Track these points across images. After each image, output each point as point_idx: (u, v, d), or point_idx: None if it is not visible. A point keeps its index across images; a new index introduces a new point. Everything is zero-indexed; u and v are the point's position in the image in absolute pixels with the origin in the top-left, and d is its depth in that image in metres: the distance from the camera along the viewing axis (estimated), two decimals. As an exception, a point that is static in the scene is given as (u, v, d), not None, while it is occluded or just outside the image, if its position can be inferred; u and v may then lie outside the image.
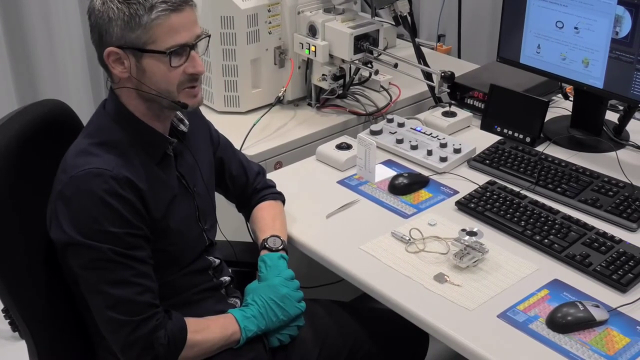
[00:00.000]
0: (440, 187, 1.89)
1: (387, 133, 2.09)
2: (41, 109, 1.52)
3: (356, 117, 2.34)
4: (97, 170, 1.35)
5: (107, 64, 1.40)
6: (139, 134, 1.44)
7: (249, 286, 1.58)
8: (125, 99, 1.44)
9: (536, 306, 1.48)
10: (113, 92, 1.46)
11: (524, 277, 1.56)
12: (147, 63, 1.38)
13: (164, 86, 1.41)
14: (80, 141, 1.43)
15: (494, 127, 2.14)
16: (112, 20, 1.35)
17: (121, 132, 1.43)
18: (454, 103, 2.28)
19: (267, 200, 1.73)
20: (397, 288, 1.53)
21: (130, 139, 1.43)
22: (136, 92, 1.42)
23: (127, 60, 1.38)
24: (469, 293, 1.51)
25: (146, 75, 1.39)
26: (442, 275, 1.55)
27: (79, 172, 1.35)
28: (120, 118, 1.44)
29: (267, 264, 1.58)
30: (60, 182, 1.37)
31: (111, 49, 1.37)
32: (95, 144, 1.40)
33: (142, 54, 1.37)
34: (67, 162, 1.40)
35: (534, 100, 2.09)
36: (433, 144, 2.01)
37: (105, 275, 1.35)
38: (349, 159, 1.96)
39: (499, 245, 1.65)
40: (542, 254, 1.63)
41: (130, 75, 1.39)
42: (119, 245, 1.35)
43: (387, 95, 2.43)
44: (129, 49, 1.37)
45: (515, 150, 1.99)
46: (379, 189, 1.88)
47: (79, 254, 1.36)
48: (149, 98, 1.42)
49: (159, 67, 1.39)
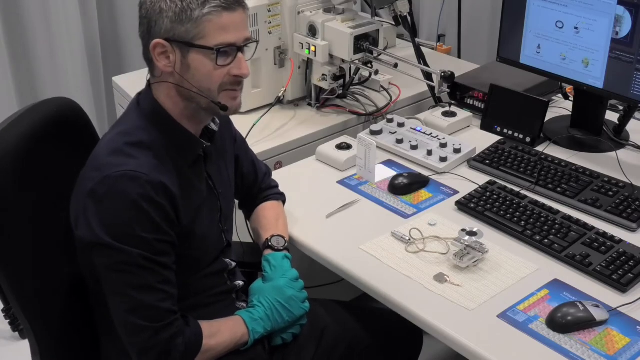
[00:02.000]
0: (440, 187, 1.89)
1: (387, 133, 2.09)
2: (51, 107, 1.51)
3: (356, 117, 2.34)
4: (133, 174, 1.33)
5: (153, 57, 1.38)
6: (174, 135, 1.42)
7: (253, 286, 1.58)
8: (163, 97, 1.42)
9: (536, 306, 1.48)
10: (150, 89, 1.44)
11: (524, 277, 1.56)
12: (193, 58, 1.36)
13: (206, 84, 1.39)
14: (115, 138, 1.40)
15: (494, 127, 2.14)
16: (163, 11, 1.34)
17: (156, 133, 1.40)
18: (453, 103, 2.28)
19: (270, 200, 1.73)
20: (397, 288, 1.53)
21: (165, 141, 1.41)
22: (176, 88, 1.40)
23: (173, 55, 1.36)
24: (469, 293, 1.51)
25: (190, 72, 1.37)
26: (442, 275, 1.56)
27: (113, 173, 1.33)
28: (156, 118, 1.42)
29: (271, 264, 1.58)
30: (92, 180, 1.34)
31: (158, 41, 1.36)
32: (130, 143, 1.37)
33: (189, 48, 1.35)
34: (100, 160, 1.37)
35: (534, 100, 2.09)
36: (433, 144, 2.01)
37: (130, 279, 1.34)
38: (349, 159, 1.96)
39: (499, 245, 1.65)
40: (542, 254, 1.63)
41: (173, 70, 1.38)
42: (147, 250, 1.33)
43: (387, 95, 2.43)
44: (176, 43, 1.35)
45: (515, 150, 1.99)
46: (379, 189, 1.88)
47: (106, 255, 1.34)
48: (189, 96, 1.40)
49: (205, 64, 1.37)
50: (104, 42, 3.11)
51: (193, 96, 1.40)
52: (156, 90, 1.42)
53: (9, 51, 2.86)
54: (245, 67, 1.41)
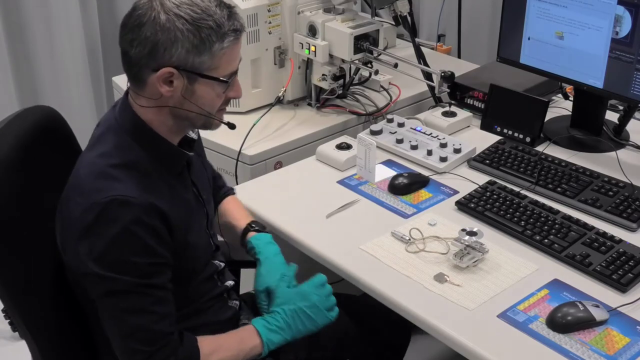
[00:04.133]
0: (440, 187, 1.89)
1: (387, 133, 2.09)
2: (35, 116, 1.47)
3: (356, 117, 2.34)
4: (123, 198, 1.28)
5: (154, 81, 1.32)
6: (159, 150, 1.39)
7: (270, 285, 1.52)
8: (151, 114, 1.36)
9: (536, 306, 1.47)
10: (128, 105, 1.38)
11: (523, 277, 1.55)
12: (199, 87, 1.34)
13: (207, 108, 1.37)
14: (96, 161, 1.34)
15: (494, 127, 2.14)
16: (178, 41, 1.29)
17: (140, 150, 1.36)
18: (453, 103, 2.28)
19: (230, 195, 1.74)
20: (397, 288, 1.53)
21: (150, 157, 1.37)
22: (170, 109, 1.36)
23: (178, 81, 1.32)
24: (469, 293, 1.51)
25: (194, 97, 1.35)
26: (442, 275, 1.55)
27: (101, 199, 1.28)
28: (139, 135, 1.37)
29: (260, 244, 1.58)
30: (78, 206, 1.30)
31: (169, 70, 1.31)
32: (114, 165, 1.32)
33: (198, 78, 1.33)
34: (84, 185, 1.31)
35: (534, 100, 2.09)
36: (433, 144, 2.01)
37: (123, 304, 1.32)
38: (349, 159, 1.96)
39: (499, 245, 1.65)
40: (542, 254, 1.63)
41: (172, 95, 1.34)
42: (140, 275, 1.31)
43: (387, 95, 2.43)
44: (185, 71, 1.32)
45: (515, 150, 1.99)
46: (379, 189, 1.88)
47: (98, 283, 1.31)
48: (184, 116, 1.37)
49: (209, 92, 1.35)
50: (105, 42, 3.11)
51: (190, 117, 1.37)
52: (142, 108, 1.37)
53: (10, 51, 2.86)
54: (240, 89, 1.42)
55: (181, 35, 1.29)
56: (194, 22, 1.30)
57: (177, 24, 1.29)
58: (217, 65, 1.33)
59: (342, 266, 1.61)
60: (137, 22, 1.31)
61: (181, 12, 1.30)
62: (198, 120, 1.39)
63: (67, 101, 3.01)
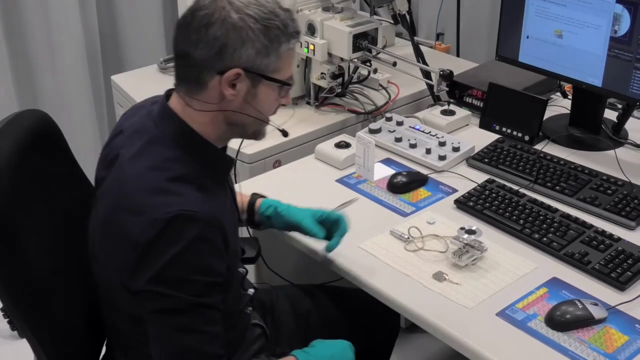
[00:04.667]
0: (439, 185, 1.89)
1: (386, 131, 2.09)
2: (28, 120, 1.43)
3: (355, 115, 2.34)
4: (187, 213, 1.22)
5: (218, 83, 1.28)
6: (208, 159, 1.34)
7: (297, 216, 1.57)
8: (202, 119, 1.31)
9: (535, 304, 1.47)
10: (171, 111, 1.32)
11: (522, 276, 1.55)
12: (262, 89, 1.31)
13: (265, 113, 1.34)
14: (148, 175, 1.27)
15: (493, 126, 2.14)
16: (248, 40, 1.25)
17: (191, 161, 1.30)
18: (452, 101, 2.27)
19: None
20: (396, 286, 1.53)
21: (200, 167, 1.31)
22: (226, 114, 1.31)
23: (243, 84, 1.28)
24: (468, 291, 1.51)
25: (255, 101, 1.31)
26: (441, 274, 1.55)
27: (164, 215, 1.22)
28: (188, 144, 1.31)
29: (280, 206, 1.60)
30: (136, 223, 1.23)
31: (237, 71, 1.27)
32: (171, 179, 1.26)
33: (263, 80, 1.30)
34: (140, 201, 1.25)
35: (533, 99, 2.08)
36: (432, 143, 2.01)
37: (176, 322, 1.27)
38: (348, 158, 1.96)
39: (497, 244, 1.65)
40: (540, 253, 1.63)
41: (234, 99, 1.29)
42: (197, 293, 1.26)
43: (386, 93, 2.43)
44: (251, 73, 1.28)
45: (514, 148, 1.99)
46: (377, 188, 1.88)
47: (151, 301, 1.26)
48: (240, 122, 1.33)
49: (270, 96, 1.33)
50: (103, 41, 3.11)
51: (246, 123, 1.34)
52: (194, 113, 1.31)
53: (9, 50, 2.86)
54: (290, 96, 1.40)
55: (252, 35, 1.26)
56: (263, 22, 1.26)
57: (249, 22, 1.25)
58: (280, 67, 1.30)
59: (341, 265, 1.61)
60: (204, 21, 1.25)
61: (251, 12, 1.26)
62: (251, 127, 1.35)
63: (66, 100, 3.00)
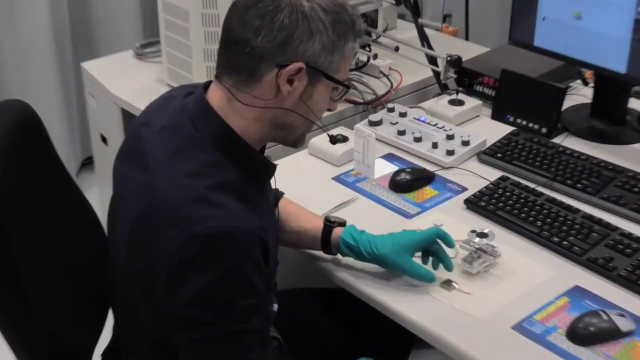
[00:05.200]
0: (447, 183, 1.88)
1: (388, 124, 2.08)
2: (12, 111, 1.44)
3: (353, 106, 2.33)
4: (229, 229, 1.19)
5: (274, 78, 1.26)
6: (250, 164, 1.31)
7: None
8: (248, 116, 1.29)
9: (555, 316, 1.47)
10: (209, 108, 1.30)
11: (540, 284, 1.55)
12: (319, 90, 1.31)
13: (316, 115, 1.34)
14: (185, 182, 1.24)
15: (506, 117, 2.13)
16: (317, 33, 1.25)
17: (232, 167, 1.28)
18: (461, 90, 2.27)
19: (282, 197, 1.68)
20: (399, 297, 1.53)
21: (241, 173, 1.29)
22: (275, 114, 1.30)
23: (301, 81, 1.28)
24: (480, 301, 1.50)
25: (310, 101, 1.31)
26: (450, 282, 1.54)
27: (202, 230, 1.18)
28: (229, 146, 1.29)
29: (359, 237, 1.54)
30: (172, 238, 1.20)
31: (300, 65, 1.26)
32: (211, 187, 1.23)
33: (322, 78, 1.29)
34: (176, 211, 1.21)
35: (550, 87, 2.08)
36: (439, 136, 2.00)
37: (218, 351, 1.26)
38: (345, 153, 1.95)
39: (512, 248, 1.64)
40: (560, 258, 1.62)
41: (289, 97, 1.29)
42: (242, 318, 1.25)
43: (388, 81, 2.42)
44: (313, 70, 1.28)
45: (529, 142, 1.98)
46: (378, 186, 1.87)
47: (189, 328, 1.25)
48: (289, 125, 1.33)
49: (325, 98, 1.33)
50: (73, 23, 3.09)
51: (295, 126, 1.34)
52: (241, 109, 1.29)
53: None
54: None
55: (322, 28, 1.25)
56: (333, 15, 1.26)
57: (320, 14, 1.25)
58: (341, 67, 1.31)
59: (337, 273, 1.60)
60: (271, 6, 1.24)
61: (322, 3, 1.25)
62: (298, 129, 1.36)
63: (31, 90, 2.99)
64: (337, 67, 1.30)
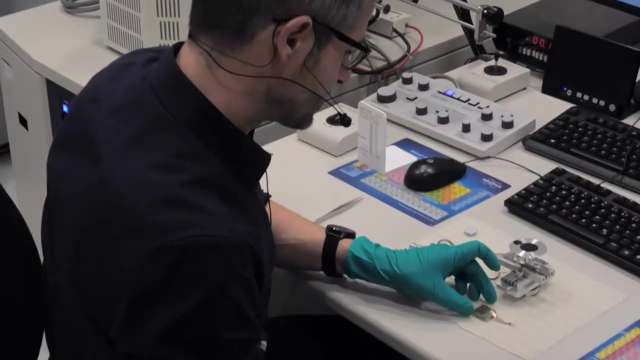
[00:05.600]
0: (483, 179, 1.90)
1: (403, 99, 2.10)
2: None
3: (357, 76, 2.35)
4: (215, 240, 1.20)
5: (269, 37, 1.27)
6: (237, 153, 1.33)
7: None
8: (229, 89, 1.31)
9: (624, 353, 1.48)
10: (185, 80, 1.30)
11: (606, 311, 1.56)
12: (328, 54, 1.32)
13: (326, 88, 1.36)
14: (151, 177, 1.24)
15: (563, 90, 2.15)
16: None
17: (214, 156, 1.29)
18: (502, 54, 2.28)
19: (268, 201, 1.68)
20: (417, 329, 1.54)
21: (227, 165, 1.30)
22: (271, 86, 1.31)
23: (305, 42, 1.29)
24: (527, 335, 1.52)
25: (315, 70, 1.32)
26: (486, 309, 1.56)
27: (178, 241, 1.18)
28: (210, 130, 1.30)
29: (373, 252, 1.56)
30: (133, 255, 1.20)
31: (305, 19, 1.26)
32: (186, 184, 1.23)
33: (333, 39, 1.31)
34: (138, 218, 1.21)
35: (621, 50, 2.09)
36: (472, 116, 2.02)
37: None
38: (347, 139, 1.97)
39: (569, 265, 1.65)
40: (632, 277, 1.64)
41: (289, 63, 1.29)
42: (228, 355, 1.27)
43: (403, 43, 2.43)
44: (322, 27, 1.29)
45: (593, 123, 2.00)
46: (391, 183, 1.89)
47: None
48: (289, 99, 1.35)
49: (335, 64, 1.35)
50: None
51: (296, 101, 1.35)
52: (221, 79, 1.31)
53: None
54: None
55: None
56: None
57: None
58: (358, 23, 1.33)
59: (335, 297, 1.61)
60: None
61: None
62: (302, 107, 1.37)
63: None
64: (352, 23, 1.32)
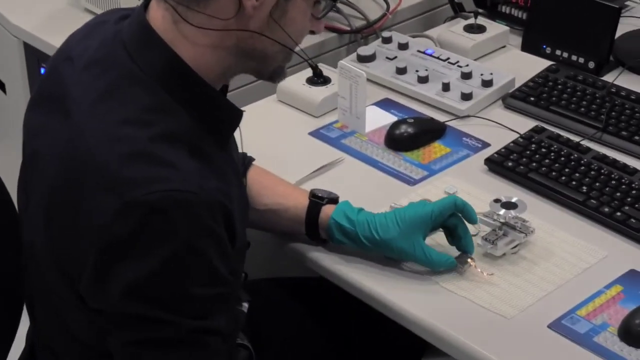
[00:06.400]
0: (463, 137, 1.90)
1: (383, 59, 2.09)
2: None
3: (337, 35, 2.34)
4: (185, 195, 1.20)
5: None
6: (207, 108, 1.32)
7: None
8: (197, 44, 1.30)
9: (604, 310, 1.49)
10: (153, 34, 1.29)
11: (586, 269, 1.57)
12: (294, 4, 1.32)
13: (294, 39, 1.35)
14: (120, 131, 1.24)
15: (542, 47, 2.15)
16: None
17: (184, 110, 1.28)
18: (481, 12, 2.27)
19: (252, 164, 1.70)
20: (398, 288, 1.54)
21: (197, 120, 1.30)
22: (237, 37, 1.30)
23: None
24: (507, 293, 1.52)
25: (282, 21, 1.32)
26: (465, 259, 1.56)
27: (147, 195, 1.18)
28: (179, 84, 1.29)
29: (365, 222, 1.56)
30: (103, 210, 1.20)
31: None
32: (156, 138, 1.23)
33: None
34: (107, 173, 1.21)
35: (600, 7, 2.08)
36: (451, 75, 2.02)
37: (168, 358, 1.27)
38: (327, 99, 1.96)
39: (549, 223, 1.66)
40: (612, 234, 1.64)
41: (255, 15, 1.29)
42: (200, 314, 1.25)
43: (383, 1, 2.42)
44: None
45: (572, 81, 2.00)
46: (371, 143, 1.89)
47: (131, 326, 1.25)
48: (259, 52, 1.34)
49: (304, 14, 1.35)
50: None
51: (267, 53, 1.35)
52: (188, 34, 1.29)
53: None
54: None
55: None
56: None
57: None
58: None
59: (316, 258, 1.62)
60: None
61: None
62: (273, 60, 1.37)
63: None
64: None
